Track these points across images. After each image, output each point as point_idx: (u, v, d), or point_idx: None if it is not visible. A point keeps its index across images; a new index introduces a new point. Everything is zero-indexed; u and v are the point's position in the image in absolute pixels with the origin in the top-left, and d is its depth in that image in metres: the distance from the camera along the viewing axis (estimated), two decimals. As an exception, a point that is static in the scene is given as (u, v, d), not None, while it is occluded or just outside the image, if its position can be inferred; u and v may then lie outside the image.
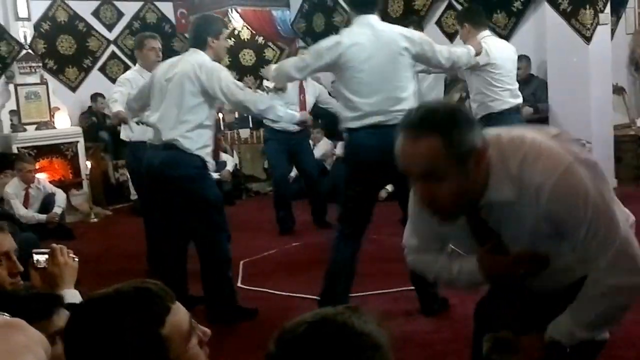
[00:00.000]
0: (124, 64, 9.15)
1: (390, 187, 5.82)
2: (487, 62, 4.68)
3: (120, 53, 9.40)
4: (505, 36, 7.49)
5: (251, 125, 8.54)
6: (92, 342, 1.16)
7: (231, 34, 9.04)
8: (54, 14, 8.87)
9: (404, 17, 7.65)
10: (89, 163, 7.89)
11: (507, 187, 1.68)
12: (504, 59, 4.87)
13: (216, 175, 6.01)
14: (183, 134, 3.75)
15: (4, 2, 7.90)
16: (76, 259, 2.23)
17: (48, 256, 2.18)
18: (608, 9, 6.68)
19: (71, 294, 2.10)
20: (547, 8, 6.84)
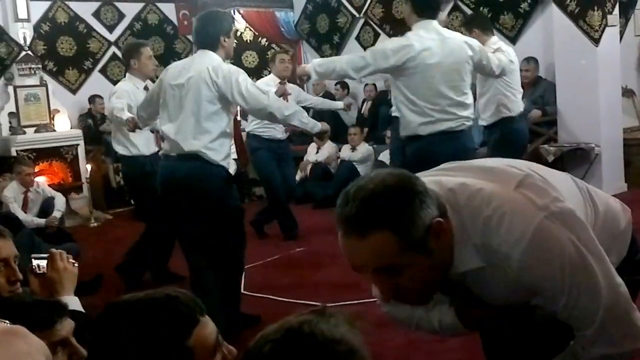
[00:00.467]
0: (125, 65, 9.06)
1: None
2: (513, 69, 4.95)
3: (121, 55, 9.27)
4: (513, 38, 7.44)
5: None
6: (118, 346, 1.15)
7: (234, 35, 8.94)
8: (54, 15, 8.78)
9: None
10: (89, 166, 7.81)
11: (473, 256, 1.50)
12: (516, 64, 5.24)
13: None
14: (207, 145, 3.56)
15: (3, 3, 7.85)
16: (76, 264, 2.20)
17: (47, 261, 2.14)
18: (616, 11, 6.60)
19: (71, 300, 2.06)
20: (554, 9, 6.75)
